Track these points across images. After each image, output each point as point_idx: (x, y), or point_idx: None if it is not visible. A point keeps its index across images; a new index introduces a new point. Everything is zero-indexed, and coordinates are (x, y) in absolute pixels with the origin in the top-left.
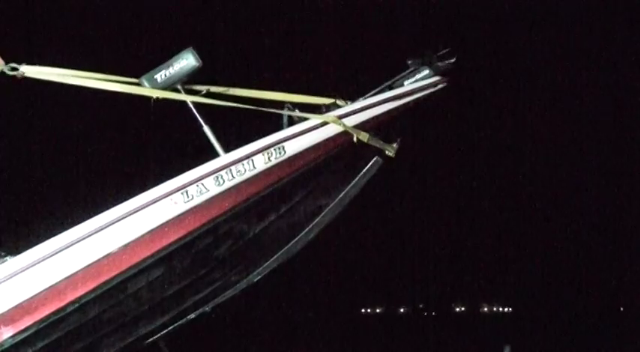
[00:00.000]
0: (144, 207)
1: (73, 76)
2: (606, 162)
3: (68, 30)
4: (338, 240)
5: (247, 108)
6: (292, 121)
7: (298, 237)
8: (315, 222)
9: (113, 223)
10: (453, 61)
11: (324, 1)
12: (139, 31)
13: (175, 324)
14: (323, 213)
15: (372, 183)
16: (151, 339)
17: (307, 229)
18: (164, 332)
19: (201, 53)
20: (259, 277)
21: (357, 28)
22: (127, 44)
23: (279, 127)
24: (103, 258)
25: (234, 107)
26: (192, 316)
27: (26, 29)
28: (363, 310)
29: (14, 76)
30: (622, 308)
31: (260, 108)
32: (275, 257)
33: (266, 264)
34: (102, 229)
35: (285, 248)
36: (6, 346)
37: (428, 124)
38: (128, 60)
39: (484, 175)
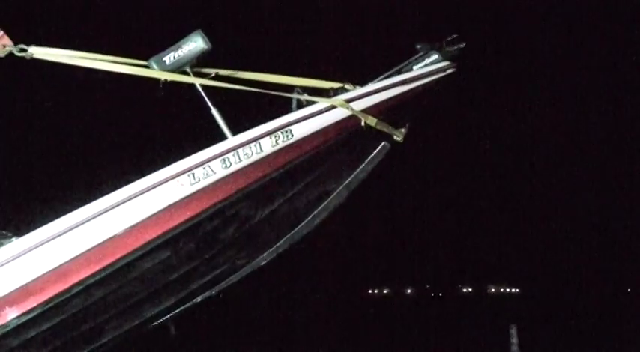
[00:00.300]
0: (150, 189)
1: (81, 57)
2: (604, 153)
3: (77, 11)
4: (346, 221)
5: (256, 92)
6: (300, 105)
7: (305, 221)
8: (322, 206)
9: (119, 205)
10: (462, 46)
11: None
12: (148, 14)
13: (182, 307)
14: (330, 198)
15: (380, 165)
16: (157, 322)
17: (314, 213)
18: (170, 315)
19: (210, 36)
20: (265, 261)
21: (367, 13)
22: (136, 26)
23: (287, 111)
24: (109, 239)
25: (242, 90)
26: (199, 299)
27: (35, 11)
28: (370, 290)
29: (23, 57)
30: (629, 290)
31: (268, 92)
32: (282, 241)
33: (272, 247)
34: (108, 211)
35: (292, 232)
36: (11, 327)
37: (435, 111)
38: (137, 42)
39: (492, 160)
